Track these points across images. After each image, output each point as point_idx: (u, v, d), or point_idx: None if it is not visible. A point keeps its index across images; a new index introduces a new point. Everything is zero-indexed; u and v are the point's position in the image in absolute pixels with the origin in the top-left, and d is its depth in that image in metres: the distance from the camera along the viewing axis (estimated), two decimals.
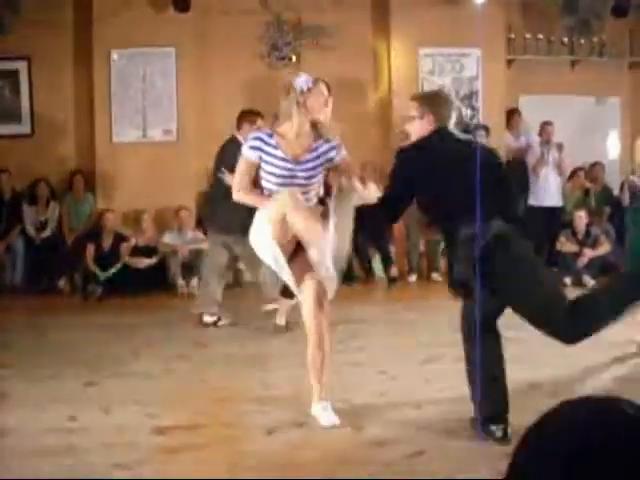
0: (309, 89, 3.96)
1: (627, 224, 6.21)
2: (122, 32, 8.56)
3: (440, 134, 4.03)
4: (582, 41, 9.50)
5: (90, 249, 8.22)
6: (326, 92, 4.10)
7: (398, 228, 9.17)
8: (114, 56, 8.72)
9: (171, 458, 3.61)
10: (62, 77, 8.90)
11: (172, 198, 8.82)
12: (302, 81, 3.96)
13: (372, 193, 3.79)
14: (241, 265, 7.54)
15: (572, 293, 8.12)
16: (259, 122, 6.33)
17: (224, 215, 6.08)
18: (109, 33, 8.58)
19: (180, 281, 8.33)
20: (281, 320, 6.20)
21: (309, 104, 3.97)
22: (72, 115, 9.04)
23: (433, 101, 4.16)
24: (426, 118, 4.01)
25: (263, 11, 8.94)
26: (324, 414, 3.93)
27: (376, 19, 9.32)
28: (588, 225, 8.63)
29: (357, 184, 3.81)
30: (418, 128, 4.04)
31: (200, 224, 8.86)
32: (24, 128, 9.00)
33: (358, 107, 8.89)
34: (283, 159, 3.97)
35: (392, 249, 8.96)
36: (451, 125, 4.11)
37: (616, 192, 9.64)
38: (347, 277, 8.69)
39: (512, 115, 9.54)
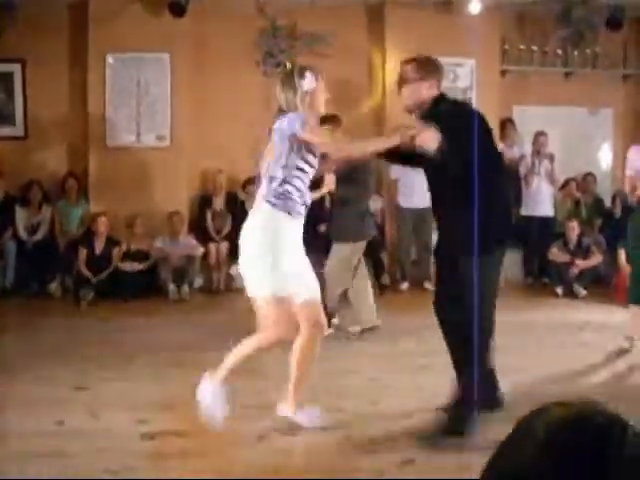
0: (314, 88, 3.85)
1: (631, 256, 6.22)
2: (118, 36, 8.56)
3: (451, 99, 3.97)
4: (576, 53, 9.55)
5: (82, 253, 8.20)
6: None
7: (390, 236, 9.20)
8: (109, 60, 8.72)
9: (160, 464, 3.60)
10: (57, 80, 8.89)
11: (165, 203, 8.82)
12: (309, 82, 3.83)
13: None
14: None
15: (564, 303, 8.21)
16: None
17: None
18: (105, 37, 8.58)
19: (172, 287, 8.31)
20: None
21: (315, 102, 3.87)
22: (66, 119, 9.03)
23: (436, 66, 4.02)
24: (428, 82, 3.89)
25: (258, 17, 8.95)
26: None
27: (371, 27, 9.35)
28: (580, 236, 8.66)
29: None
30: (423, 92, 3.88)
31: (192, 230, 8.86)
32: (18, 131, 8.98)
33: (352, 114, 8.90)
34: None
35: (384, 256, 8.97)
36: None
37: (608, 203, 9.68)
38: None
39: (505, 125, 9.58)
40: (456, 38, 8.89)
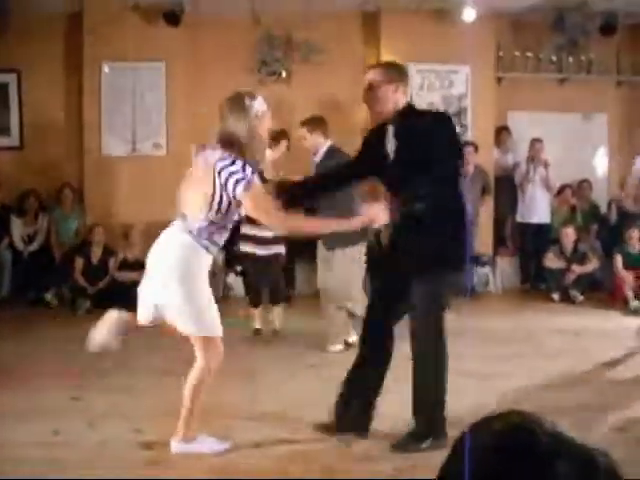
0: (263, 112, 3.72)
1: None
2: (113, 45, 8.57)
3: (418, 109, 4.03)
4: (570, 59, 9.59)
5: (79, 262, 8.19)
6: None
7: None
8: (105, 69, 8.72)
9: (156, 473, 3.58)
10: (52, 90, 8.89)
11: (161, 212, 8.73)
12: (260, 103, 3.72)
13: None
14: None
15: (560, 309, 8.20)
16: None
17: None
18: (100, 46, 8.58)
19: None
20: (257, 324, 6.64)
21: (262, 128, 3.72)
22: (62, 128, 9.03)
23: (402, 71, 3.99)
24: (394, 85, 3.83)
25: (254, 26, 8.97)
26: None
27: (366, 35, 9.36)
28: (575, 242, 8.67)
29: None
30: (389, 95, 3.84)
31: None
32: (13, 141, 8.98)
33: (347, 122, 8.91)
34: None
35: None
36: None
37: (603, 209, 9.69)
38: None
39: (501, 132, 9.60)
40: (451, 45, 8.91)
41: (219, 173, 3.54)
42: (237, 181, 3.52)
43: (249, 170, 3.56)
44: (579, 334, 6.74)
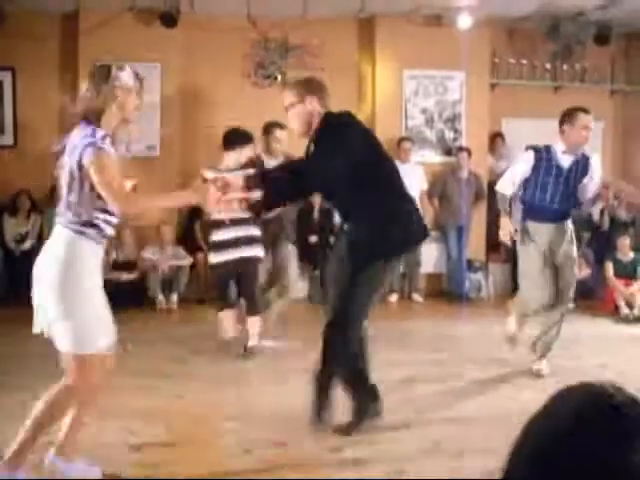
0: (130, 86, 3.37)
1: None
2: (108, 45, 8.55)
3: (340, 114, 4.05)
4: (565, 67, 9.63)
5: None
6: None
7: None
8: None
9: (147, 475, 3.57)
10: (47, 88, 8.87)
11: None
12: (127, 76, 3.39)
13: None
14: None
15: None
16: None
17: None
18: (95, 45, 8.57)
19: (160, 296, 8.29)
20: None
21: (126, 104, 3.39)
22: (56, 127, 8.99)
23: (310, 84, 4.13)
24: (308, 99, 3.96)
25: (250, 29, 8.97)
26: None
27: (362, 40, 9.38)
28: None
29: None
30: (302, 112, 3.96)
31: (180, 240, 8.84)
32: (7, 139, 8.96)
33: None
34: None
35: None
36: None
37: (596, 217, 9.72)
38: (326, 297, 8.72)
39: (495, 139, 9.63)
40: (446, 51, 8.94)
41: (75, 146, 3.28)
42: (86, 147, 3.23)
43: (100, 135, 3.25)
44: (571, 340, 6.75)
